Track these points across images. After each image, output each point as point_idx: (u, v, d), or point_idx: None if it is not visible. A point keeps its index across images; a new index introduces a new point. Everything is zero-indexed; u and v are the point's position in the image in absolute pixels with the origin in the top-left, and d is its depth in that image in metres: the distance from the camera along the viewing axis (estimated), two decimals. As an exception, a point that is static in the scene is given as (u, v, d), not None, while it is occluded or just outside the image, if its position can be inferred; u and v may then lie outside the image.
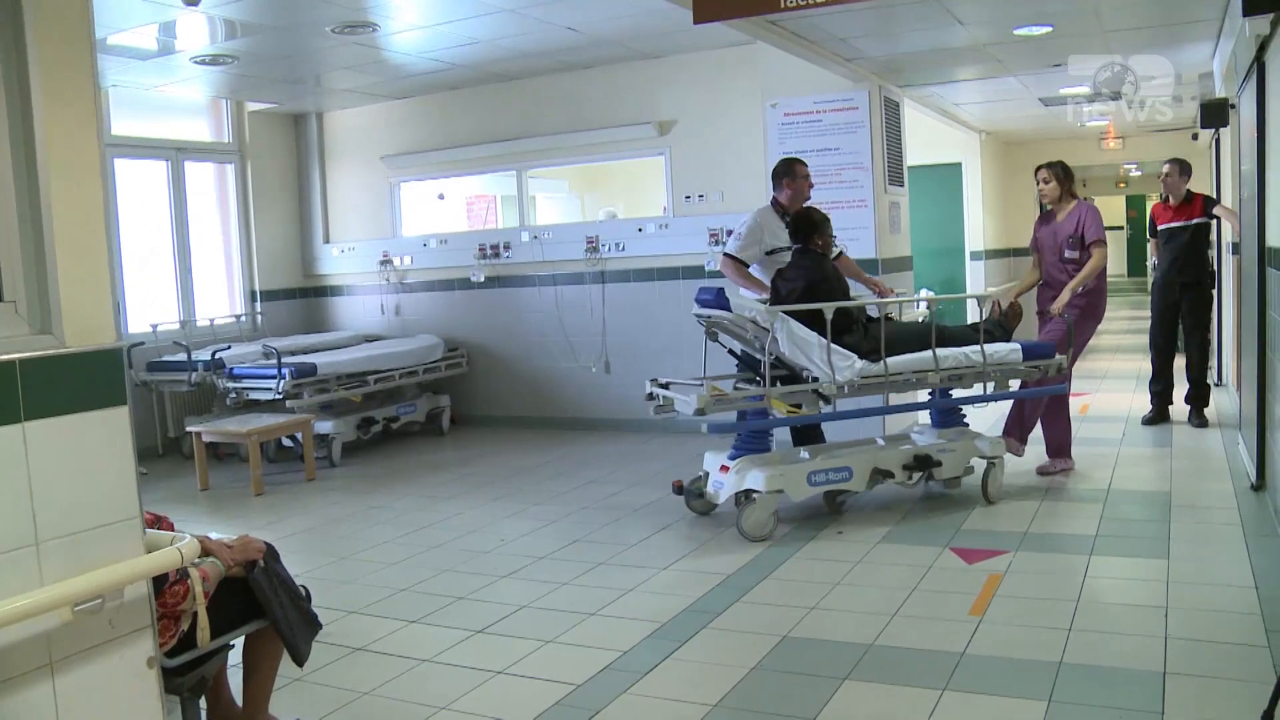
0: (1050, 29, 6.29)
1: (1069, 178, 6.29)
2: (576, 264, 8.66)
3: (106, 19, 6.00)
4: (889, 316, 5.70)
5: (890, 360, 5.24)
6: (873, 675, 3.51)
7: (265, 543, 2.94)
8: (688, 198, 8.24)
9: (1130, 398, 8.69)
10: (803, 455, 5.45)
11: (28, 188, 2.18)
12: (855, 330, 5.35)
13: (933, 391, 5.71)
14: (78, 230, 2.24)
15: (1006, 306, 5.98)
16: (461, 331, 9.24)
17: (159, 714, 2.38)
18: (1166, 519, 5.18)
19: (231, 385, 7.69)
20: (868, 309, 5.60)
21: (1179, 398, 7.66)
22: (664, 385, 5.53)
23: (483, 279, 9.08)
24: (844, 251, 6.16)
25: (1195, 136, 11.41)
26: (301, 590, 3.01)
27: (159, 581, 2.51)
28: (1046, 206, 6.46)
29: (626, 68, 8.30)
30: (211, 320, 8.92)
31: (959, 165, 12.01)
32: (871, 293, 6.02)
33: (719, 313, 5.32)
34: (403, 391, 8.65)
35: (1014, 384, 5.83)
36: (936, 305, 5.88)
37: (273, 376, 7.46)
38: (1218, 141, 9.57)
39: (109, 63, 7.13)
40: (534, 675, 3.65)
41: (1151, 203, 9.08)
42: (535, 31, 7.00)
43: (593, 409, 8.73)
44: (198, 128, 9.10)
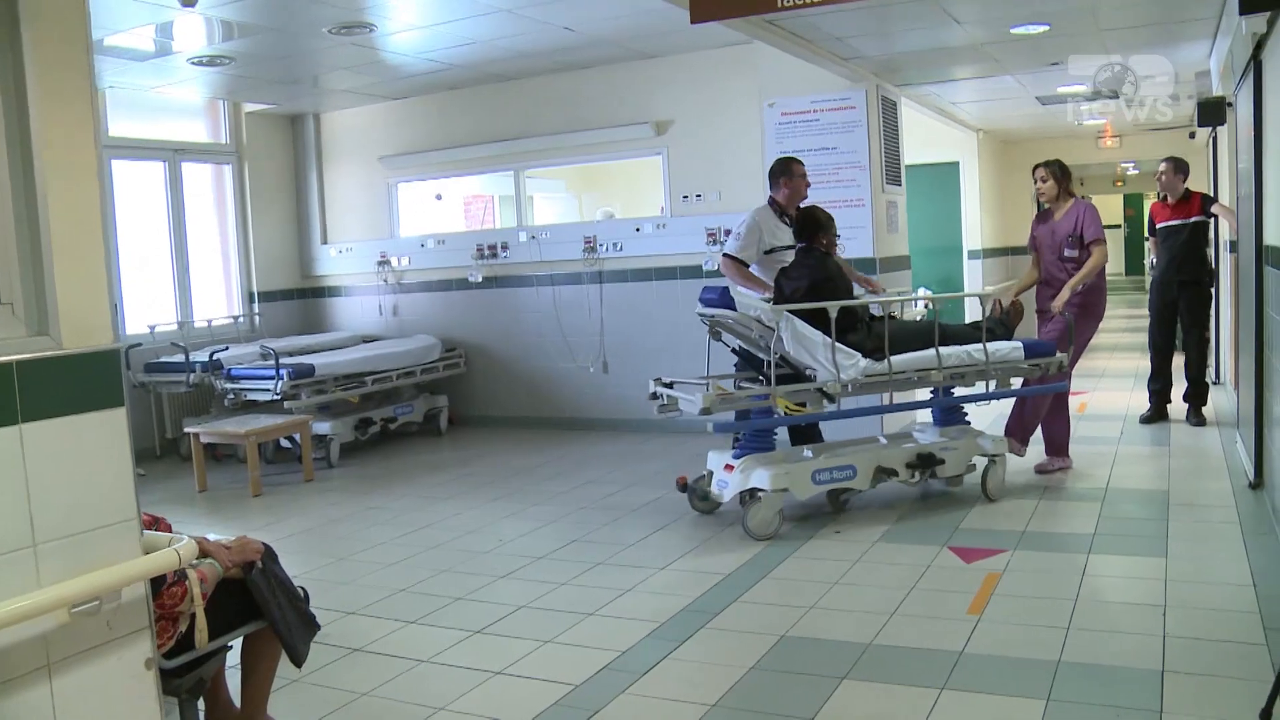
0: (1047, 28, 6.30)
1: (1066, 176, 6.30)
2: (574, 264, 8.65)
3: (103, 20, 5.98)
4: (892, 315, 5.72)
5: (894, 358, 5.26)
6: (871, 674, 3.51)
7: (263, 544, 2.94)
8: (685, 197, 8.24)
9: (1128, 396, 8.70)
10: (806, 454, 5.46)
11: (24, 189, 2.18)
12: (859, 329, 5.37)
13: (934, 390, 5.72)
14: (75, 232, 2.24)
15: (1008, 305, 5.99)
16: (459, 332, 9.23)
17: (157, 715, 2.38)
18: (1165, 517, 5.18)
19: (229, 386, 7.69)
20: (870, 308, 5.62)
21: (1177, 396, 7.67)
22: (668, 385, 5.52)
23: (480, 279, 9.08)
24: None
25: (1192, 135, 11.43)
26: (300, 591, 3.01)
27: (157, 583, 2.50)
28: (1044, 205, 6.46)
29: (624, 68, 8.30)
30: (209, 321, 8.90)
31: (956, 164, 12.01)
32: (867, 291, 6.03)
33: (723, 312, 5.33)
34: (400, 392, 8.65)
35: (1015, 382, 5.84)
36: (939, 305, 5.86)
37: (270, 377, 7.45)
38: (1215, 140, 9.57)
39: (106, 64, 7.12)
40: (532, 675, 3.65)
41: (1149, 201, 9.08)
42: (532, 31, 7.00)
43: (590, 409, 8.73)
44: (195, 129, 9.09)
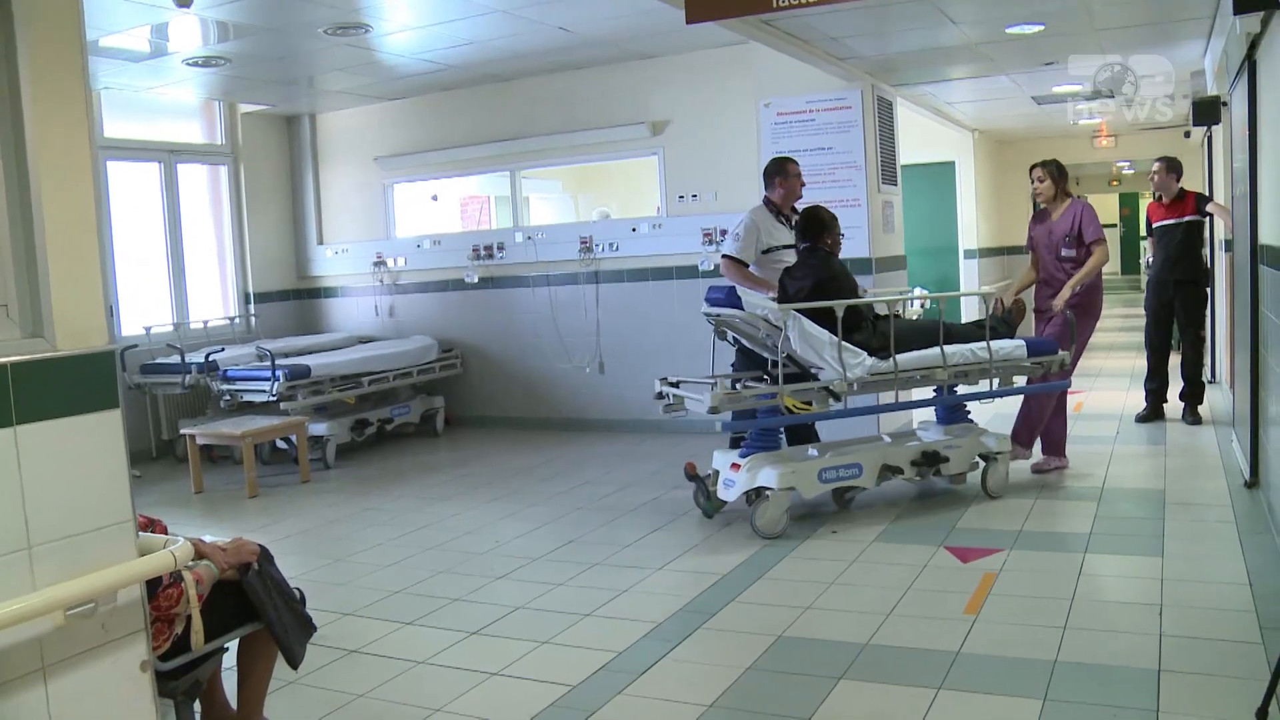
0: (1042, 28, 6.30)
1: (1063, 176, 6.31)
2: (570, 264, 8.65)
3: (98, 21, 5.97)
4: (897, 315, 5.74)
5: (899, 357, 5.29)
6: (868, 674, 3.51)
7: (259, 545, 2.94)
8: (681, 198, 8.25)
9: (1124, 395, 8.70)
10: (812, 453, 5.49)
11: (19, 191, 2.18)
12: (864, 328, 5.40)
13: (939, 388, 5.74)
14: (69, 233, 2.23)
15: (1010, 304, 6.02)
16: (455, 332, 9.23)
17: (153, 718, 2.38)
18: (1161, 516, 5.19)
19: (225, 387, 7.67)
20: (875, 307, 5.64)
21: (1173, 395, 7.68)
22: (674, 384, 5.53)
23: (476, 280, 9.07)
24: None
25: (1187, 134, 11.44)
26: (296, 592, 3.01)
27: (152, 585, 2.50)
28: (1040, 205, 6.47)
29: (619, 68, 8.30)
30: (205, 322, 8.89)
31: (952, 164, 12.02)
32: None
33: (730, 311, 5.34)
34: (397, 393, 8.64)
35: (1019, 381, 5.86)
36: (941, 303, 5.88)
37: (267, 378, 7.45)
38: (1210, 139, 9.59)
39: (101, 65, 7.11)
40: (529, 676, 3.65)
41: (1144, 201, 9.10)
42: (528, 32, 6.99)
43: (587, 410, 8.73)
44: (191, 130, 9.08)
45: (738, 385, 5.52)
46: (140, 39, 6.66)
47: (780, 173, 5.86)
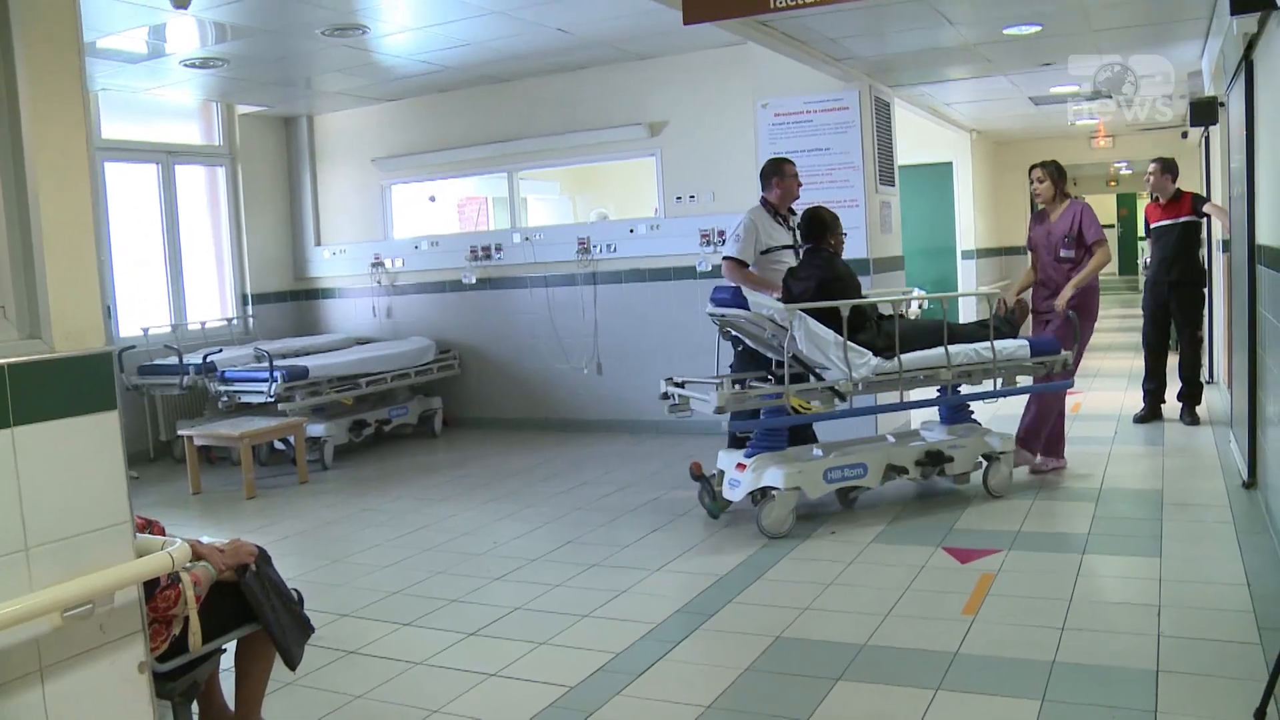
0: (1039, 28, 6.31)
1: (1062, 177, 6.33)
2: (568, 265, 8.65)
3: (96, 22, 5.96)
4: (901, 315, 5.75)
5: (904, 357, 5.31)
6: (866, 675, 3.51)
7: (257, 546, 2.93)
8: (679, 198, 8.25)
9: (1122, 396, 8.71)
10: (816, 453, 5.50)
11: (16, 192, 2.18)
12: (869, 328, 5.42)
13: (942, 388, 5.75)
14: (67, 234, 2.23)
15: (1013, 304, 6.03)
16: (453, 333, 9.22)
17: (150, 719, 2.37)
18: (1159, 517, 5.19)
19: (223, 388, 7.67)
20: (879, 307, 5.66)
21: (1171, 396, 7.68)
22: (679, 384, 5.53)
23: (474, 281, 9.07)
24: None
25: (1185, 135, 11.46)
26: (294, 594, 3.00)
27: (150, 586, 2.50)
28: (1039, 206, 6.47)
29: (617, 69, 8.30)
30: (203, 323, 8.88)
31: (950, 164, 12.03)
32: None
33: (735, 311, 5.35)
34: (395, 394, 8.64)
35: (1021, 380, 5.87)
36: (944, 303, 5.90)
37: (264, 379, 7.44)
38: (1207, 139, 9.60)
39: (99, 66, 7.10)
40: (527, 678, 3.65)
41: (1142, 201, 9.11)
42: (526, 33, 6.99)
43: (585, 410, 8.73)
44: (188, 131, 9.07)
45: (737, 386, 5.52)
46: (138, 40, 6.66)
47: (777, 173, 5.87)
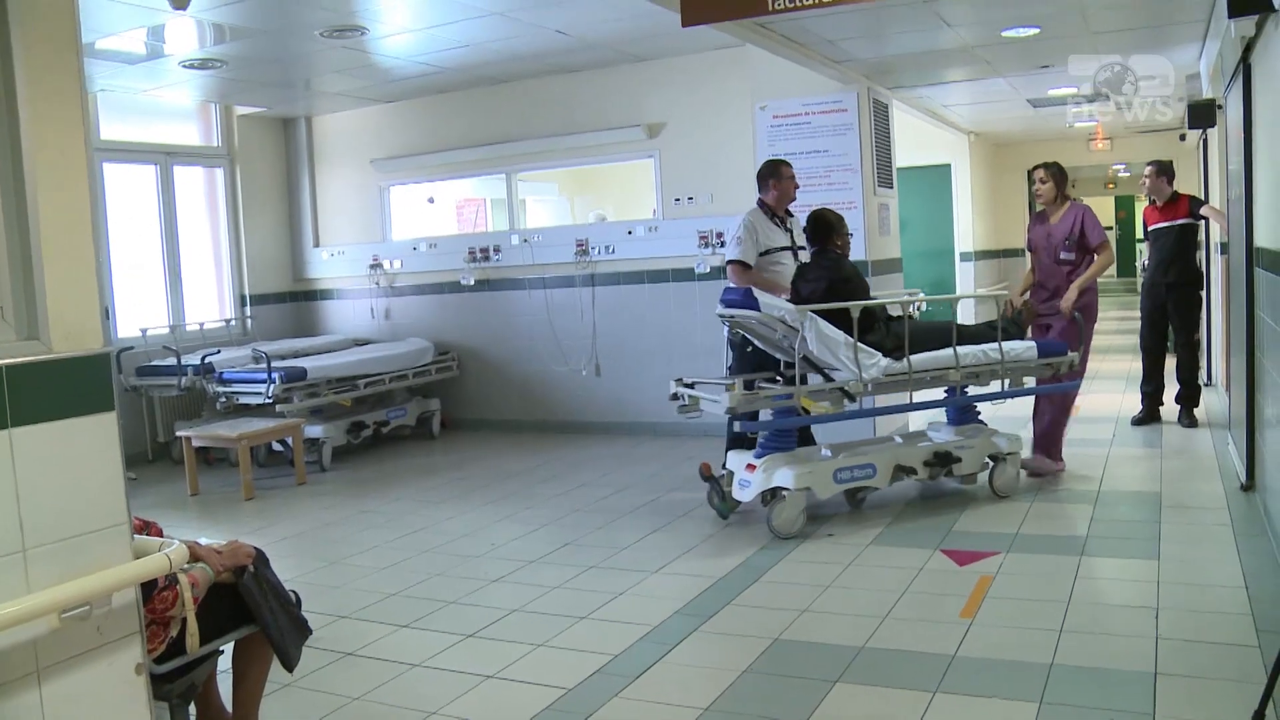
0: (1038, 31, 6.32)
1: (1064, 179, 6.33)
2: (566, 267, 8.65)
3: (94, 23, 5.96)
4: (910, 316, 5.76)
5: (913, 357, 5.33)
6: (864, 678, 3.51)
7: (255, 548, 2.93)
8: (677, 200, 8.25)
9: (1120, 398, 8.71)
10: (826, 453, 5.52)
11: (14, 193, 2.17)
12: (878, 329, 5.44)
13: (950, 389, 5.76)
14: (65, 235, 2.23)
15: (1019, 305, 6.04)
16: (451, 335, 9.22)
17: (148, 721, 2.37)
18: (1157, 519, 5.19)
19: (221, 390, 7.66)
20: (887, 308, 5.68)
21: (1169, 398, 7.68)
22: (689, 385, 5.54)
23: (473, 282, 9.07)
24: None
25: (1183, 137, 11.47)
26: (291, 595, 3.00)
27: (148, 588, 2.49)
28: (1039, 207, 6.48)
29: (616, 71, 8.31)
30: (201, 324, 8.88)
31: (948, 166, 12.04)
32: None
33: (745, 312, 5.35)
34: (393, 395, 8.64)
35: (1028, 382, 5.89)
36: (955, 305, 5.91)
37: (263, 381, 7.44)
38: (1205, 142, 9.61)
39: (97, 67, 7.10)
40: (525, 679, 3.64)
41: (1140, 203, 9.12)
42: (525, 35, 6.99)
43: (583, 412, 8.72)
44: (187, 132, 9.07)
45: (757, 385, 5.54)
46: (136, 41, 6.65)
47: (774, 175, 5.87)
